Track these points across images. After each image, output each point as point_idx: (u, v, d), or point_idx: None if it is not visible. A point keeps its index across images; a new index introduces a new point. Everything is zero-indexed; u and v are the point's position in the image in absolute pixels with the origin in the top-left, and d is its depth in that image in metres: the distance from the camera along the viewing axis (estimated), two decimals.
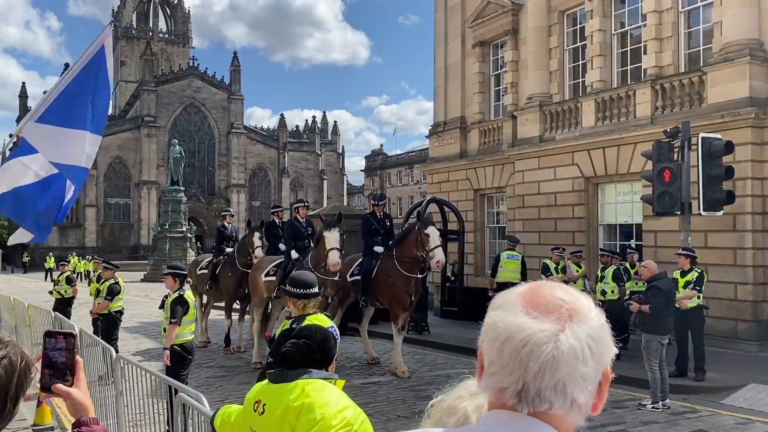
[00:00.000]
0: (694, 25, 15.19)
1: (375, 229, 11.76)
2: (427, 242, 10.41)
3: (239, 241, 14.04)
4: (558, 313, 0.98)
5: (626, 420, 7.97)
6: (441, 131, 22.24)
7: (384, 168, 75.75)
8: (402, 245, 10.94)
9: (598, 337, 0.98)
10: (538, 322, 0.97)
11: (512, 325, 0.98)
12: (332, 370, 2.71)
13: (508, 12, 19.46)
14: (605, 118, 16.20)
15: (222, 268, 13.83)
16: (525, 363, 0.95)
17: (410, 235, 10.85)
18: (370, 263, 11.32)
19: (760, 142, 13.03)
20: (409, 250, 10.74)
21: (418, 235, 10.56)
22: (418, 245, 10.55)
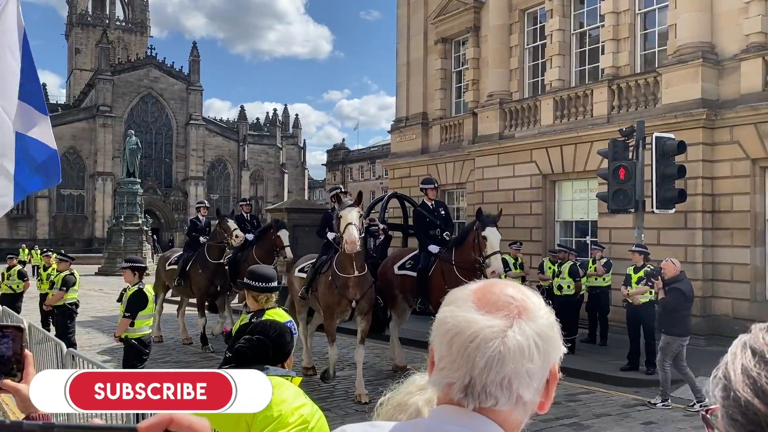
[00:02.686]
0: (650, 27, 15.56)
1: (430, 222, 10.41)
2: (484, 246, 9.11)
3: (210, 234, 13.53)
4: (507, 310, 0.99)
5: (579, 413, 8.15)
6: (403, 127, 22.29)
7: (346, 162, 75.57)
8: (461, 247, 9.66)
9: (546, 335, 0.99)
10: (488, 319, 0.98)
11: (462, 320, 0.98)
12: (289, 365, 2.68)
13: (470, 9, 19.60)
14: (563, 116, 16.47)
15: (192, 264, 13.25)
16: (472, 358, 0.96)
17: (468, 235, 9.57)
18: (428, 260, 10.09)
19: (711, 142, 13.43)
20: (467, 253, 9.46)
21: (475, 237, 9.31)
22: (475, 248, 9.29)
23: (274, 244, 12.75)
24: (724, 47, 13.59)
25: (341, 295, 8.94)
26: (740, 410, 0.72)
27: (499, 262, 9.17)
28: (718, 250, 13.24)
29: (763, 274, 13.05)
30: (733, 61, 13.29)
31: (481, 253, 9.13)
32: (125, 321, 7.27)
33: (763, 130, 12.69)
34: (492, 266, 8.97)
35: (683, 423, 7.97)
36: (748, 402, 0.71)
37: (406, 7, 22.37)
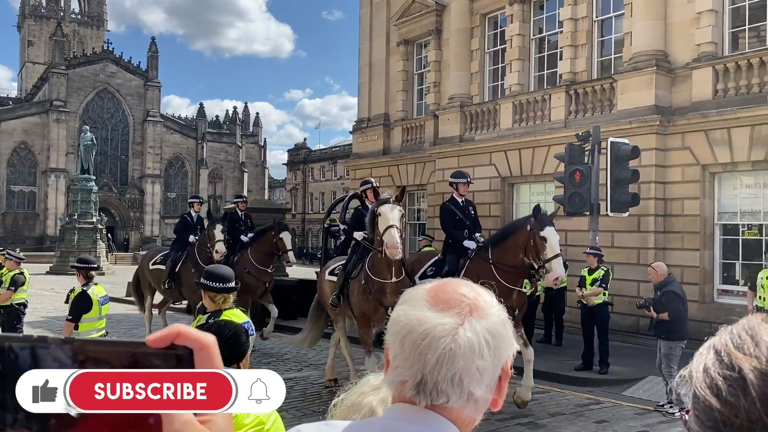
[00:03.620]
0: (606, 34, 15.93)
1: (459, 220, 9.32)
2: (542, 248, 7.95)
3: (200, 234, 12.54)
4: (459, 308, 1.00)
5: (535, 412, 8.28)
6: (365, 127, 22.31)
7: (307, 162, 75.13)
8: (503, 246, 8.48)
9: (497, 333, 1.01)
10: (440, 316, 0.99)
11: (414, 318, 1.00)
12: (245, 365, 2.67)
13: (432, 12, 19.73)
14: (522, 120, 16.72)
15: (183, 264, 12.19)
16: (424, 355, 0.97)
17: (518, 234, 8.30)
18: (456, 263, 8.91)
19: (663, 148, 13.82)
20: (513, 255, 8.28)
21: (530, 237, 8.07)
22: (528, 250, 8.11)
23: (275, 248, 12.00)
24: (677, 56, 14.01)
25: (377, 301, 8.07)
26: (701, 408, 0.75)
27: (561, 266, 8.13)
28: (669, 252, 13.63)
29: (711, 277, 13.49)
30: (685, 69, 13.72)
31: (538, 255, 7.99)
32: (68, 325, 7.04)
33: (712, 137, 13.13)
34: (554, 271, 7.94)
35: (633, 421, 8.17)
36: (706, 400, 0.74)
37: (369, 8, 22.40)
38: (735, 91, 12.96)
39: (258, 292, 12.23)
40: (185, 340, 0.73)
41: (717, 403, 0.73)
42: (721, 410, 0.73)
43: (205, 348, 0.73)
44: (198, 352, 0.73)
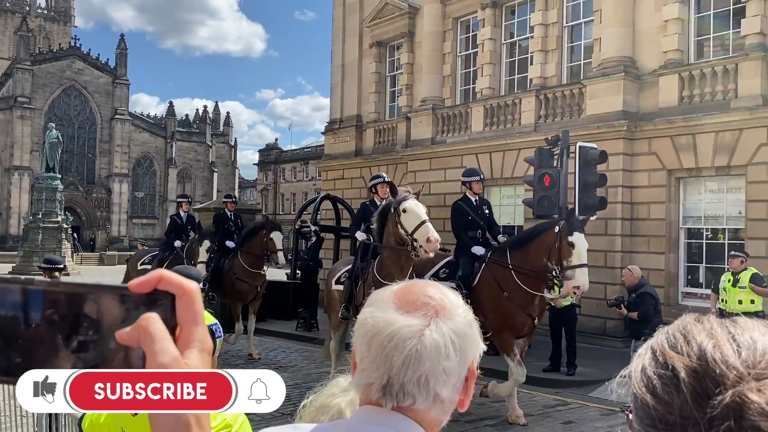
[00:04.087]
0: (576, 40, 16.17)
1: (472, 221, 8.75)
2: (569, 255, 7.39)
3: (192, 238, 11.81)
4: (425, 309, 1.01)
5: (503, 414, 8.35)
6: (337, 128, 22.27)
7: (278, 163, 74.65)
8: (525, 250, 7.93)
9: (463, 334, 1.02)
10: (406, 318, 0.99)
11: (381, 321, 1.00)
12: (213, 367, 2.63)
13: (405, 15, 19.79)
14: (493, 124, 16.87)
15: (168, 266, 12.09)
16: (390, 357, 0.97)
17: (544, 237, 7.76)
18: (470, 266, 8.35)
19: (631, 153, 14.07)
20: (536, 258, 7.72)
21: (556, 240, 7.52)
22: (552, 254, 7.57)
23: (265, 248, 11.45)
24: (645, 62, 14.28)
25: None
26: (640, 407, 0.77)
27: (585, 276, 7.42)
28: (635, 255, 13.87)
29: (675, 279, 13.78)
30: (653, 76, 13.99)
31: (561, 261, 7.39)
32: None
33: (678, 143, 13.41)
34: (576, 281, 7.30)
35: (600, 422, 8.30)
36: (643, 399, 0.76)
37: (342, 9, 22.38)
38: (700, 98, 13.26)
39: (249, 297, 11.78)
40: (167, 285, 0.73)
41: (653, 401, 0.75)
42: (656, 408, 0.74)
43: (186, 294, 0.73)
44: (180, 298, 0.73)
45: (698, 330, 0.78)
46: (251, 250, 11.53)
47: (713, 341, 0.75)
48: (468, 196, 8.96)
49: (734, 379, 0.71)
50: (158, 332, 0.71)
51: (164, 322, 0.72)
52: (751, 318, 0.81)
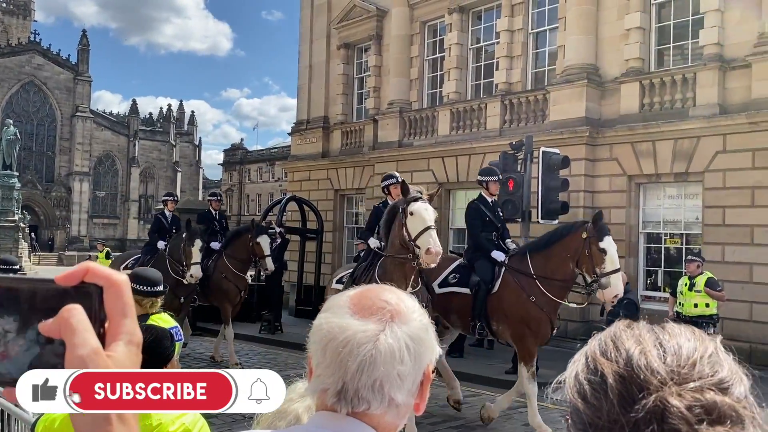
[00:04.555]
0: (541, 47, 16.41)
1: (489, 222, 8.28)
2: (602, 262, 6.98)
3: (173, 240, 10.96)
4: (381, 314, 1.01)
5: (466, 415, 8.41)
6: (304, 129, 22.18)
7: (244, 163, 73.96)
8: (547, 255, 7.45)
9: (418, 338, 1.02)
10: (362, 323, 1.00)
11: (336, 326, 1.00)
12: (137, 364, 2.60)
13: (373, 17, 19.83)
14: (459, 128, 17.02)
15: None
16: (345, 363, 0.98)
17: (569, 241, 7.29)
18: (490, 272, 7.81)
19: (593, 158, 14.34)
20: (561, 265, 7.30)
21: (585, 247, 7.07)
22: (581, 260, 7.12)
23: (251, 252, 10.92)
24: (607, 70, 14.58)
25: None
26: (573, 412, 0.80)
27: (621, 282, 7.11)
28: None
29: (635, 283, 14.05)
30: (614, 83, 14.28)
31: (594, 268, 6.99)
32: None
33: (638, 149, 13.71)
34: (614, 287, 6.92)
35: (560, 423, 8.42)
36: (575, 404, 0.79)
37: (310, 10, 22.30)
38: (660, 105, 13.59)
39: (237, 298, 11.34)
40: (94, 277, 0.72)
41: (583, 405, 0.78)
42: (587, 412, 0.77)
43: (114, 285, 0.73)
44: (108, 290, 0.73)
45: (627, 336, 0.81)
46: (236, 254, 11.02)
47: (640, 347, 0.78)
48: (484, 196, 8.49)
49: (657, 384, 0.74)
50: (79, 324, 0.70)
51: (92, 315, 0.71)
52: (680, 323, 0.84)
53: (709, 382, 0.74)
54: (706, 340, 0.81)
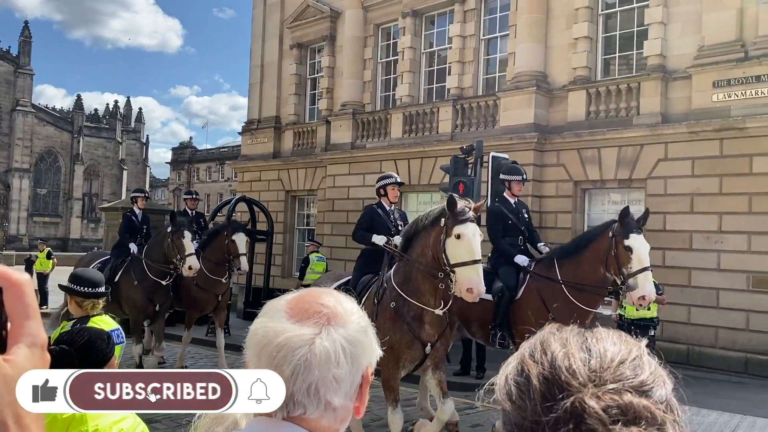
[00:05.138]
0: (492, 53, 16.67)
1: (512, 225, 7.83)
2: (628, 261, 6.51)
3: (154, 237, 10.24)
4: (317, 317, 1.01)
5: (413, 417, 8.44)
6: (254, 129, 21.93)
7: (192, 162, 72.62)
8: (576, 260, 6.92)
9: (356, 340, 1.02)
10: (298, 327, 0.99)
11: (271, 331, 1.00)
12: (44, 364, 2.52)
13: (327, 18, 19.77)
14: (412, 131, 17.12)
15: (124, 273, 9.97)
16: (279, 367, 0.97)
17: (597, 243, 6.79)
18: (514, 278, 7.37)
19: (541, 164, 14.64)
20: (591, 270, 6.76)
21: (612, 247, 6.61)
22: (609, 263, 6.61)
23: (226, 251, 10.37)
24: (555, 78, 14.92)
25: (413, 333, 6.14)
26: (503, 413, 0.82)
27: (650, 282, 6.54)
28: None
29: None
30: (562, 90, 14.63)
31: (619, 268, 6.50)
32: None
33: (584, 156, 14.07)
34: (641, 288, 6.39)
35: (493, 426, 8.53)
36: (503, 405, 0.82)
37: (262, 9, 22.08)
38: (605, 113, 13.98)
39: (208, 307, 10.81)
40: None
41: (510, 406, 0.81)
42: (513, 413, 0.80)
43: (14, 286, 0.70)
44: (7, 291, 0.70)
45: (554, 339, 0.84)
46: (211, 255, 10.38)
47: (565, 350, 0.81)
48: (506, 197, 7.97)
49: (577, 385, 0.76)
50: None
51: None
52: (610, 329, 0.87)
53: (629, 385, 0.76)
54: (632, 344, 0.84)
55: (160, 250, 9.66)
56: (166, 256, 9.57)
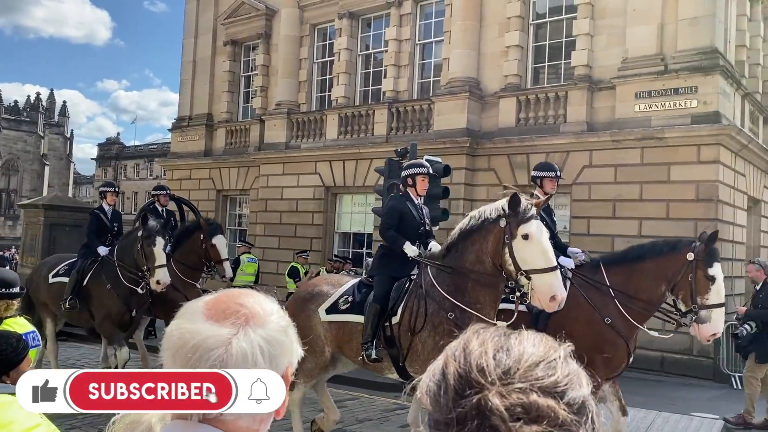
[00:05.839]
0: (427, 58, 16.89)
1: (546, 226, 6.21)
2: (706, 291, 5.80)
3: (125, 237, 9.03)
4: (235, 318, 1.00)
5: (344, 419, 8.43)
6: (185, 126, 21.40)
7: (120, 159, 70.07)
8: (634, 270, 6.14)
9: (275, 340, 1.02)
10: (215, 328, 0.98)
11: (187, 332, 0.98)
12: (17, 376, 2.42)
13: (262, 16, 19.53)
14: (347, 132, 17.12)
15: (93, 277, 8.84)
16: (195, 368, 0.95)
17: (668, 260, 6.02)
18: None
19: (472, 168, 14.93)
20: (651, 285, 6.06)
21: (690, 270, 5.86)
22: (680, 285, 5.93)
23: (204, 256, 9.48)
24: (488, 84, 15.25)
25: None
26: (427, 410, 0.85)
27: (722, 319, 5.90)
28: None
29: None
30: (494, 97, 14.97)
31: (692, 296, 5.82)
32: None
33: (514, 161, 14.44)
34: (712, 324, 5.77)
35: None
36: (425, 402, 0.84)
37: (195, 4, 21.60)
38: (534, 120, 14.40)
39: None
40: None
41: (429, 403, 0.84)
42: (432, 410, 0.83)
43: None
44: None
45: (475, 339, 0.87)
46: (185, 258, 9.31)
47: (482, 349, 0.84)
48: (538, 195, 6.90)
49: (485, 383, 0.79)
50: None
51: None
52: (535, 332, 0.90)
53: (538, 385, 0.79)
54: (554, 347, 0.87)
55: (131, 255, 8.51)
56: (136, 262, 8.48)
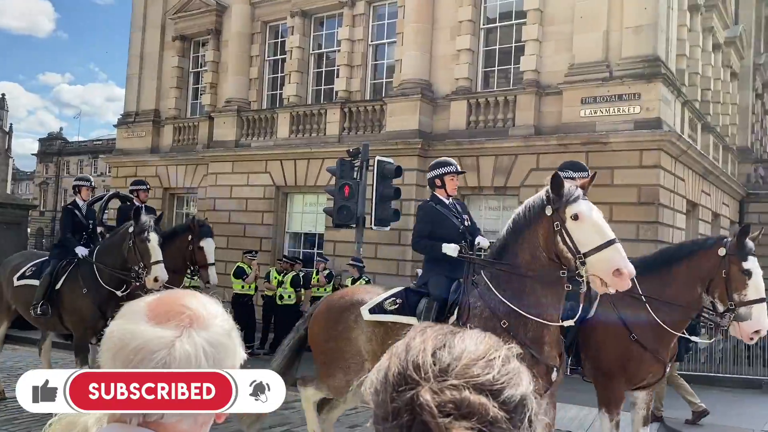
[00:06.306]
0: (380, 59, 16.95)
1: None
2: (743, 287, 5.39)
3: (111, 237, 8.42)
4: (179, 320, 0.99)
5: (292, 420, 8.39)
6: (131, 122, 20.87)
7: (62, 155, 67.80)
8: (668, 275, 5.71)
9: (219, 343, 1.01)
10: (158, 330, 0.96)
11: (128, 333, 0.96)
12: None
13: (212, 12, 19.22)
14: (299, 131, 17.02)
15: (69, 279, 8.19)
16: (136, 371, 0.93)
17: (700, 261, 5.62)
18: None
19: (424, 169, 15.00)
20: (685, 287, 5.65)
21: (722, 266, 5.47)
22: (715, 284, 5.53)
23: (189, 259, 8.93)
24: (439, 87, 15.40)
25: (534, 358, 4.79)
26: (372, 408, 0.86)
27: (764, 314, 5.39)
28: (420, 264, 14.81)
29: None
30: (445, 100, 15.13)
31: (729, 293, 5.41)
32: None
33: (464, 163, 14.54)
34: (757, 322, 5.33)
35: None
36: (368, 399, 0.87)
37: None
38: (484, 123, 14.62)
39: None
40: None
41: (372, 400, 0.86)
42: (374, 405, 0.85)
43: None
44: None
45: (418, 336, 0.88)
46: (168, 261, 8.40)
47: (423, 346, 0.85)
48: None
49: (419, 379, 0.81)
50: None
51: None
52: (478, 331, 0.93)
53: (473, 382, 0.81)
54: (497, 346, 0.88)
55: (119, 253, 7.89)
56: (125, 261, 7.83)
